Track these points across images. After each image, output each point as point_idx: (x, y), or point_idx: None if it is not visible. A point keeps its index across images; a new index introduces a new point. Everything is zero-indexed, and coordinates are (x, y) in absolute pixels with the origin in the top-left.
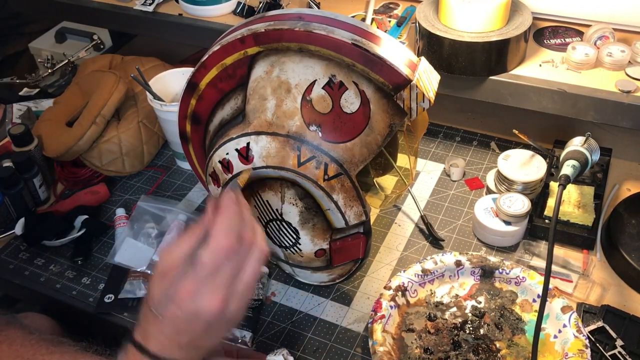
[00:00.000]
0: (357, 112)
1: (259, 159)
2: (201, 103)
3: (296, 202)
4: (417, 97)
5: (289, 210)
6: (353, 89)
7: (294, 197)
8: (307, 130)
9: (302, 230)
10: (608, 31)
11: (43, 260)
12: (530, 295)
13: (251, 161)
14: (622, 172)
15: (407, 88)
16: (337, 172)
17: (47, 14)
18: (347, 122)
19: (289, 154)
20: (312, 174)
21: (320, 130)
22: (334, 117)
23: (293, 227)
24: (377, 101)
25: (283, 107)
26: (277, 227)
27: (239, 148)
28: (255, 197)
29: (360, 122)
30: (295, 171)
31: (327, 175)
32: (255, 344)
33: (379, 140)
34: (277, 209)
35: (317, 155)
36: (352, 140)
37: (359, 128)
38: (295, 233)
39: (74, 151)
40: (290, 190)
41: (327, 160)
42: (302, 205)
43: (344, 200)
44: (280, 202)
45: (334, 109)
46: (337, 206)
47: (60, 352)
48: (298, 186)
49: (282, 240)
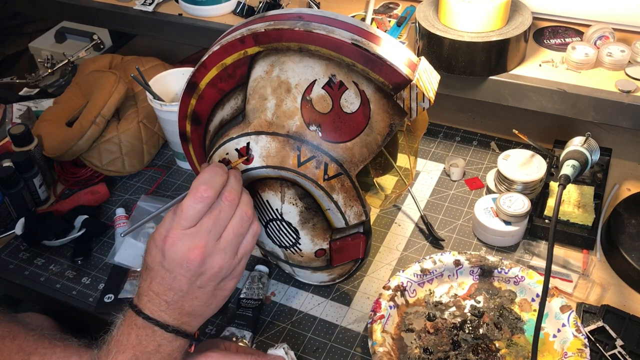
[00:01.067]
0: (357, 112)
1: (259, 159)
2: (201, 103)
3: (296, 202)
4: (417, 97)
5: (289, 210)
6: (353, 89)
7: (294, 197)
8: (307, 130)
9: (302, 230)
10: (608, 31)
11: (43, 260)
12: (529, 295)
13: (251, 161)
14: (622, 172)
15: (407, 88)
16: (337, 171)
17: (47, 14)
18: (347, 121)
19: (289, 154)
20: (312, 174)
21: (320, 130)
22: (334, 117)
23: (293, 227)
24: (377, 101)
25: (283, 106)
26: (277, 227)
27: (239, 148)
28: (255, 197)
29: (360, 122)
30: (295, 171)
31: (327, 175)
32: (255, 343)
33: (379, 140)
34: (277, 208)
35: (317, 155)
36: (352, 140)
37: (359, 128)
38: (295, 233)
39: (74, 151)
40: (290, 190)
41: (327, 160)
42: (302, 205)
43: (344, 200)
44: (280, 202)
45: (334, 108)
46: (337, 206)
47: (63, 346)
48: (298, 186)
49: (282, 240)
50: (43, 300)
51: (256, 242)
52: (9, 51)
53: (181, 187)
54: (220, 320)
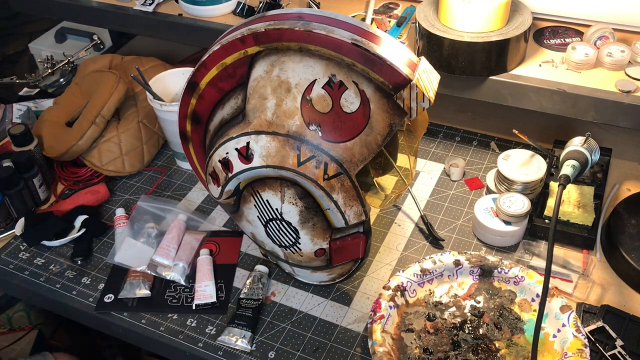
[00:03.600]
0: (357, 111)
1: (258, 159)
2: (201, 102)
3: (296, 201)
4: (417, 97)
5: (288, 210)
6: (353, 89)
7: (293, 197)
8: (307, 129)
9: (302, 229)
10: (608, 31)
11: (43, 260)
12: (529, 295)
13: (251, 161)
14: (622, 172)
15: (407, 88)
16: (337, 171)
17: (47, 14)
18: (347, 121)
19: (289, 154)
20: (312, 174)
21: (320, 130)
22: (334, 117)
23: (293, 227)
24: (377, 101)
25: (283, 106)
26: (277, 226)
27: (239, 147)
28: (255, 196)
29: (360, 122)
30: (295, 170)
31: (327, 175)
32: (255, 343)
33: (378, 139)
34: (277, 208)
35: (317, 155)
36: (352, 139)
37: (359, 128)
38: (295, 232)
39: (73, 151)
40: (290, 189)
41: (327, 160)
42: (302, 204)
43: (343, 199)
44: (280, 202)
45: (333, 108)
46: (337, 205)
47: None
48: (298, 186)
49: (281, 239)
50: (43, 300)
51: (257, 241)
52: (9, 51)
53: (181, 187)
54: (220, 320)
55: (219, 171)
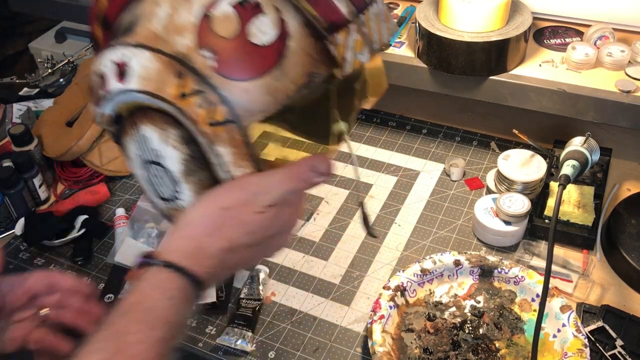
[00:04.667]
0: (269, 45)
1: (135, 79)
2: (112, 2)
3: (179, 146)
4: (356, 46)
5: (170, 155)
6: (272, 15)
7: (177, 139)
8: (197, 54)
9: (185, 182)
10: (608, 31)
11: (43, 260)
12: (529, 295)
13: (126, 80)
14: (622, 172)
15: (344, 31)
16: (226, 117)
17: (47, 14)
18: (252, 55)
19: (170, 81)
20: (194, 113)
21: (215, 59)
22: (237, 45)
23: (174, 177)
24: (301, 39)
25: (176, 18)
26: (156, 172)
27: (116, 60)
28: (134, 128)
29: (270, 60)
30: (173, 104)
31: (212, 119)
32: (255, 343)
33: (290, 89)
34: (157, 149)
35: (204, 90)
36: (253, 79)
37: (266, 66)
38: (175, 184)
39: (74, 151)
40: (174, 129)
41: (216, 100)
42: (187, 152)
43: (232, 156)
44: (159, 142)
45: (239, 34)
46: (222, 162)
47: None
48: (183, 126)
49: (161, 189)
50: None
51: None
52: (9, 51)
53: None
54: (220, 320)
55: (97, 85)
